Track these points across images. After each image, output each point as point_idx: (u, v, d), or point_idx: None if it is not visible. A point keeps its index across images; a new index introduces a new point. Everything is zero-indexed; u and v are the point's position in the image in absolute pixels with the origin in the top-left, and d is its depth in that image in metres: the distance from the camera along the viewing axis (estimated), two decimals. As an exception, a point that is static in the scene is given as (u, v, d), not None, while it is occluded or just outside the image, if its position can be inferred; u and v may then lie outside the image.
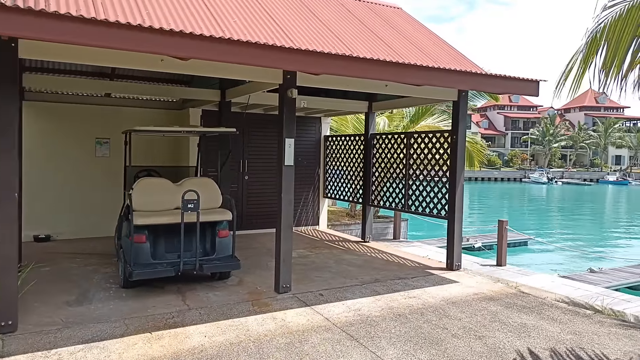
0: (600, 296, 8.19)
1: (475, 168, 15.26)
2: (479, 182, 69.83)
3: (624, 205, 43.72)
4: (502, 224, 10.44)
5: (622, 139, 79.39)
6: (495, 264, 10.37)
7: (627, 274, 14.05)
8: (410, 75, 5.70)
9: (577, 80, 4.40)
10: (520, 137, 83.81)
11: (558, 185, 64.77)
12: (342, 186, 9.70)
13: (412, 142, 7.79)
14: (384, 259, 7.77)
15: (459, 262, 7.09)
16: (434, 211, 7.36)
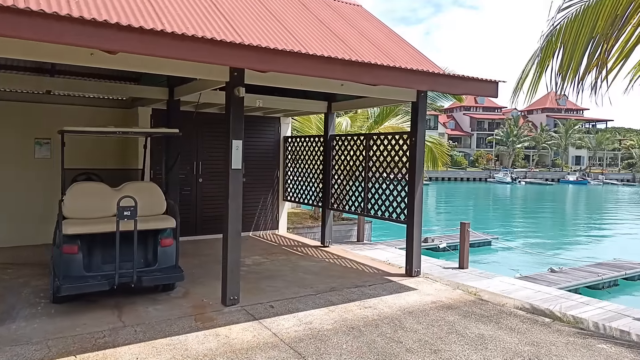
0: (559, 299, 8.15)
1: (438, 168, 15.22)
2: (446, 182, 70.85)
3: (583, 205, 45.10)
4: (464, 227, 10.34)
5: (582, 140, 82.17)
6: (457, 267, 10.27)
7: (586, 273, 14.27)
8: (367, 75, 5.42)
9: (533, 84, 4.21)
10: (486, 137, 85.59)
11: (521, 185, 66.39)
12: (302, 189, 9.37)
13: (371, 144, 7.54)
14: (343, 265, 7.49)
15: (418, 268, 6.87)
16: (393, 215, 7.12)
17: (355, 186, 7.90)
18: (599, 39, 3.76)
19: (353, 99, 7.93)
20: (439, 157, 15.12)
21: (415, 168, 6.63)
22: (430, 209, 37.06)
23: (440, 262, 11.02)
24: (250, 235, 9.55)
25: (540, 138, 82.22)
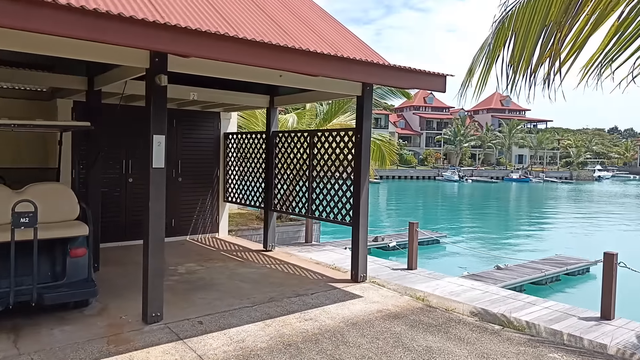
0: (507, 300, 8.02)
1: (387, 167, 14.99)
2: (396, 180, 71.88)
3: (525, 202, 46.90)
4: (412, 227, 10.08)
5: (524, 140, 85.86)
6: (406, 268, 10.01)
7: (530, 270, 14.51)
8: (307, 64, 4.93)
9: (483, 76, 3.83)
10: (434, 136, 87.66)
11: (468, 183, 68.39)
12: (243, 189, 8.77)
13: (315, 141, 7.07)
14: (285, 271, 6.97)
15: (365, 273, 6.47)
16: (338, 217, 6.69)
17: (299, 186, 7.41)
18: (552, 26, 3.44)
19: (296, 93, 7.43)
20: (387, 155, 14.90)
21: (361, 167, 6.22)
22: (381, 207, 37.25)
23: (389, 263, 10.75)
24: (187, 240, 8.85)
25: (486, 137, 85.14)
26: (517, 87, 3.66)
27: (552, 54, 3.32)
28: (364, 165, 6.23)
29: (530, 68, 3.52)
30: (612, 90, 3.79)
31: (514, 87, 3.46)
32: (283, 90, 7.63)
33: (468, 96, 3.71)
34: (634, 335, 6.41)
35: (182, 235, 8.85)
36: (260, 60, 4.50)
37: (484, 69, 3.55)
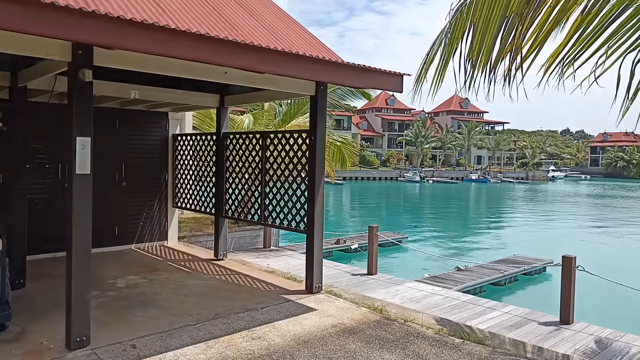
0: (467, 305, 7.85)
1: (347, 168, 14.71)
2: (359, 181, 72.18)
3: (484, 202, 47.94)
4: (372, 231, 9.81)
5: (482, 141, 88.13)
6: (366, 273, 9.73)
7: (489, 270, 14.56)
8: (254, 60, 4.51)
9: (440, 71, 3.50)
10: (396, 138, 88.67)
11: (429, 184, 69.45)
12: (193, 194, 8.23)
13: (267, 143, 6.64)
14: (236, 283, 6.51)
15: (320, 283, 6.09)
16: (292, 223, 6.29)
17: (251, 191, 6.97)
18: (514, 18, 3.15)
19: (248, 92, 6.98)
20: (348, 156, 14.62)
21: (315, 170, 5.84)
22: (344, 209, 37.12)
23: (349, 268, 10.44)
24: (132, 249, 8.23)
25: (446, 139, 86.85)
26: (476, 83, 3.36)
27: (513, 48, 3.04)
28: (318, 168, 5.86)
29: (490, 63, 3.24)
30: (573, 91, 3.55)
31: (473, 84, 3.15)
32: (234, 89, 7.18)
33: (424, 94, 3.38)
34: (592, 341, 6.32)
35: (126, 244, 8.22)
36: (197, 54, 4.05)
37: (441, 63, 3.23)
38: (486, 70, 3.33)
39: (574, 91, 3.51)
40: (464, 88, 3.15)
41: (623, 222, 31.09)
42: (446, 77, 3.54)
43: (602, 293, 11.19)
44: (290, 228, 6.31)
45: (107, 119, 7.85)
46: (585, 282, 7.23)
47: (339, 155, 14.29)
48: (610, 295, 11.47)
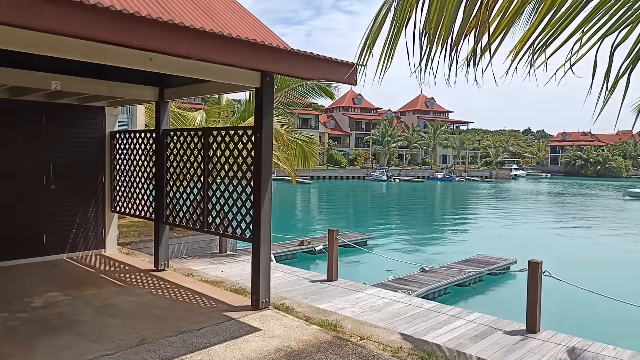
0: (431, 314, 7.39)
1: (310, 167, 14.08)
2: (327, 180, 71.81)
3: (449, 201, 48.34)
4: (332, 234, 9.23)
5: (448, 140, 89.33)
6: (326, 279, 9.15)
7: (454, 271, 14.27)
8: (186, 43, 3.84)
9: (389, 46, 2.83)
10: (363, 137, 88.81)
11: (396, 183, 69.76)
12: (132, 197, 7.43)
13: (210, 142, 5.94)
14: (174, 298, 5.78)
15: (267, 298, 5.44)
16: (237, 231, 5.62)
17: (193, 194, 6.25)
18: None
19: (190, 84, 6.26)
20: (310, 155, 13.98)
21: (262, 171, 5.20)
22: (311, 208, 36.55)
23: (308, 274, 9.82)
24: (63, 259, 7.36)
25: (412, 138, 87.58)
26: (435, 62, 2.75)
27: (478, 22, 2.48)
28: (265, 169, 5.22)
29: (452, 39, 2.66)
30: (547, 82, 3.03)
31: (430, 63, 2.56)
32: (174, 81, 6.44)
33: (370, 74, 2.74)
34: (561, 351, 5.94)
35: (56, 254, 7.35)
36: (118, 35, 3.35)
37: (390, 36, 2.60)
38: (446, 47, 2.75)
39: (547, 83, 2.99)
40: (419, 69, 2.55)
41: (583, 219, 31.73)
42: (399, 55, 2.89)
43: (566, 297, 10.97)
44: (234, 236, 5.64)
45: (31, 114, 6.97)
46: (548, 284, 6.87)
47: (302, 155, 13.67)
48: (574, 299, 11.27)
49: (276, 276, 9.17)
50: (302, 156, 13.70)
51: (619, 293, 12.17)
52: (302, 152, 13.61)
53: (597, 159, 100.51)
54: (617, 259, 19.24)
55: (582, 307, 11.35)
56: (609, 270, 17.54)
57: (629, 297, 7.94)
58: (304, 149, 13.66)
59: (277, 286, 8.69)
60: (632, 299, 7.20)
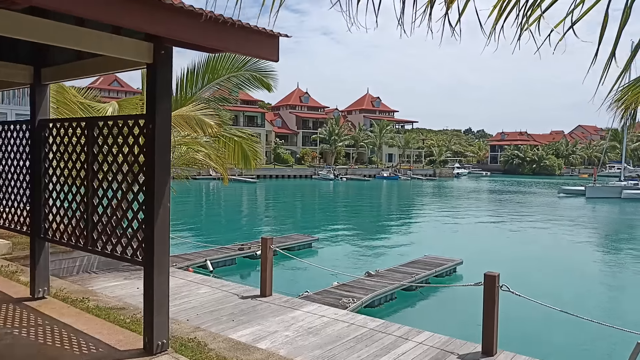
0: (375, 335, 6.40)
1: (252, 168, 12.64)
2: (274, 179, 70.35)
3: (395, 199, 48.40)
4: (266, 243, 8.05)
5: (393, 139, 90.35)
6: (259, 295, 7.97)
7: (400, 275, 13.51)
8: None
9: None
10: (311, 136, 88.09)
11: (343, 181, 69.46)
12: (4, 205, 5.90)
13: (95, 135, 4.60)
14: (40, 342, 4.36)
15: (165, 339, 4.17)
16: (128, 251, 4.32)
17: (76, 202, 4.87)
18: None
19: (74, 62, 4.89)
20: (251, 154, 12.57)
21: (156, 174, 3.94)
22: (255, 209, 35.07)
23: (240, 288, 8.57)
24: None
25: (359, 137, 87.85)
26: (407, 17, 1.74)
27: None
28: (160, 171, 3.96)
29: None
30: (540, 45, 2.11)
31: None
32: (55, 57, 5.05)
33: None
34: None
35: None
36: None
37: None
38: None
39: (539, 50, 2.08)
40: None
41: (523, 217, 32.34)
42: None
43: (520, 311, 10.31)
44: (124, 257, 4.34)
45: None
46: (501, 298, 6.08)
47: (240, 153, 12.30)
48: (529, 315, 10.71)
49: (202, 292, 7.90)
50: (241, 155, 12.36)
51: (568, 297, 11.75)
52: (241, 150, 12.28)
53: (533, 158, 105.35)
54: (557, 257, 19.31)
55: (539, 322, 10.80)
56: (552, 270, 17.46)
57: (579, 303, 7.51)
58: (242, 147, 12.33)
59: (199, 306, 7.44)
60: (581, 304, 6.72)
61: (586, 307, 11.90)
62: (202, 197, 43.07)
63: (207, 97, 11.83)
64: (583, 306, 11.96)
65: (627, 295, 14.29)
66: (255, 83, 12.18)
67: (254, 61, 11.30)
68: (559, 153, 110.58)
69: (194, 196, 42.67)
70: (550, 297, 12.14)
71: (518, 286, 6.32)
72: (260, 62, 11.47)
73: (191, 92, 11.15)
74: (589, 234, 26.32)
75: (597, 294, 14.24)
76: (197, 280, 8.58)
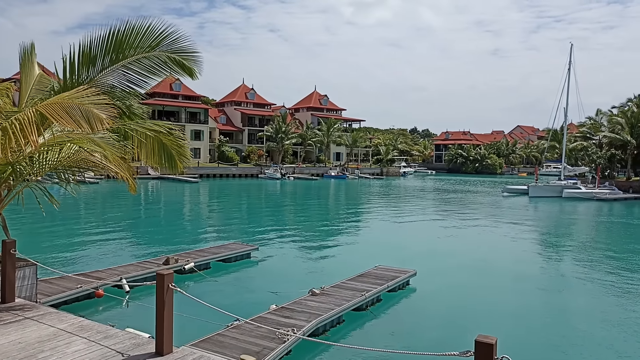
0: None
1: (179, 170, 10.04)
2: (218, 179, 67.24)
3: (343, 199, 47.01)
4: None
5: (341, 138, 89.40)
6: (154, 352, 5.81)
7: (349, 292, 11.75)
8: None
9: None
10: (257, 133, 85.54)
11: (290, 181, 67.53)
12: None
13: None
14: None
15: None
16: None
17: None
18: None
19: None
20: (176, 154, 9.98)
21: None
22: (193, 213, 32.25)
23: (130, 341, 6.25)
24: None
25: (306, 135, 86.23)
26: None
27: None
28: None
29: None
30: None
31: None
32: None
33: None
34: None
35: None
36: None
37: None
38: None
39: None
40: None
41: (468, 218, 31.77)
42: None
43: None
44: None
45: None
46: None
47: (162, 153, 9.74)
48: None
49: (71, 352, 5.60)
50: (164, 155, 9.81)
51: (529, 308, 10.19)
52: (162, 149, 9.78)
53: (476, 157, 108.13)
54: (509, 263, 18.34)
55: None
56: (510, 280, 16.35)
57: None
58: (164, 146, 9.83)
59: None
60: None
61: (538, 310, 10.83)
62: (135, 199, 39.67)
63: (111, 84, 9.51)
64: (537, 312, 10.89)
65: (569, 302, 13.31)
66: (175, 68, 9.98)
67: (171, 39, 9.17)
68: (500, 152, 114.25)
69: (125, 199, 39.21)
70: (516, 312, 11.06)
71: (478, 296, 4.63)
72: (179, 42, 9.35)
73: (87, 76, 8.83)
74: (536, 235, 25.95)
75: (543, 297, 13.20)
76: (72, 329, 6.31)
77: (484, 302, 12.90)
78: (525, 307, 12.50)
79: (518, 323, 11.31)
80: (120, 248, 18.20)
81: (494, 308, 12.35)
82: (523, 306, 12.59)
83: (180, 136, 10.31)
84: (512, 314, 11.95)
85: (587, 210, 38.18)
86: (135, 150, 9.47)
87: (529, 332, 10.73)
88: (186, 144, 10.73)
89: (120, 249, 18.04)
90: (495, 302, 12.84)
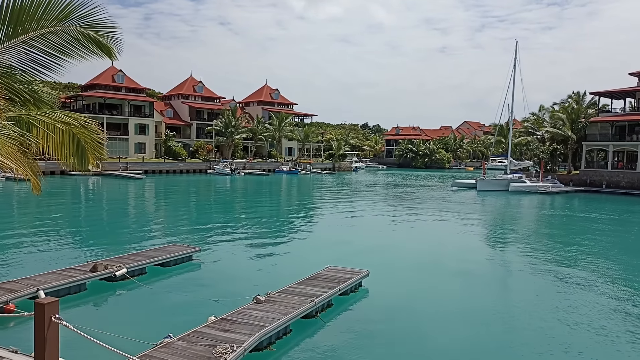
0: None
1: (90, 166, 8.64)
2: (164, 175, 64.34)
3: (295, 195, 45.95)
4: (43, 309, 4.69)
5: (293, 133, 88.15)
6: None
7: (298, 298, 10.76)
8: None
9: None
10: (205, 128, 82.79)
11: (240, 176, 65.72)
12: None
13: None
14: None
15: None
16: None
17: None
18: None
19: None
20: (90, 149, 8.70)
21: None
22: (133, 212, 30.02)
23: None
24: None
25: (257, 129, 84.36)
26: None
27: None
28: None
29: None
30: None
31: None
32: None
33: None
34: None
35: None
36: None
37: None
38: None
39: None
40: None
41: (419, 213, 31.58)
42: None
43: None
44: None
45: None
46: None
47: (73, 147, 8.45)
48: None
49: None
50: (75, 150, 8.51)
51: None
52: (73, 143, 8.46)
53: (425, 152, 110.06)
54: (462, 258, 17.98)
55: None
56: (463, 275, 15.90)
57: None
58: (76, 139, 8.52)
59: None
60: None
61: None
62: (71, 197, 36.81)
63: (8, 63, 7.98)
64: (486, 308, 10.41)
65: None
66: (90, 46, 8.53)
67: (83, 11, 7.79)
68: (448, 147, 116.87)
69: (61, 196, 36.28)
70: (475, 309, 10.53)
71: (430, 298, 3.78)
72: (94, 15, 7.96)
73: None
74: (485, 230, 26.03)
75: (490, 294, 12.81)
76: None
77: (435, 303, 12.36)
78: (475, 307, 11.99)
79: (469, 323, 10.79)
80: (41, 254, 16.19)
81: (445, 309, 11.80)
82: (474, 307, 12.07)
83: (97, 130, 8.85)
84: (463, 315, 11.41)
85: (531, 204, 39.18)
86: (41, 143, 8.06)
87: (478, 332, 10.20)
88: (104, 139, 9.29)
89: (41, 255, 16.05)
90: (448, 304, 12.29)
